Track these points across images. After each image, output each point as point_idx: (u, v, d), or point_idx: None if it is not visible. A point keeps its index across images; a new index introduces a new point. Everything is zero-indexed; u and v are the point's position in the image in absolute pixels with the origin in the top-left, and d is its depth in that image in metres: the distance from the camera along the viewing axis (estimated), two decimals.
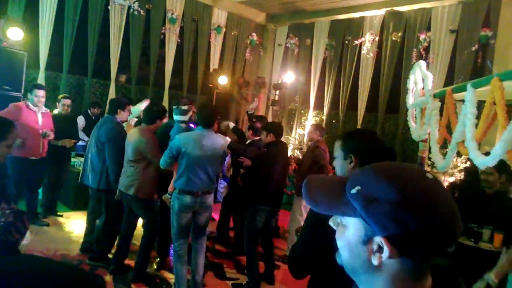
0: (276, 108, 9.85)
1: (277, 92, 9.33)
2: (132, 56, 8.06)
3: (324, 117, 9.07)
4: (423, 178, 0.69)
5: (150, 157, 3.66)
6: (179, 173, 3.45)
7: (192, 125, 4.08)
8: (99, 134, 3.96)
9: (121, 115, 4.07)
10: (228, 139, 3.70)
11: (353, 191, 0.71)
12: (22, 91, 5.63)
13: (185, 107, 3.97)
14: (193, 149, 3.40)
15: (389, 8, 7.82)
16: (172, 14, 8.39)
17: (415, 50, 7.53)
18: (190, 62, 8.93)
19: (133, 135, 3.76)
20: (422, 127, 3.27)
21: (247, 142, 4.84)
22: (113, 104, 4.11)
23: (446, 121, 2.80)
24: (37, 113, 4.68)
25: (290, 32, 9.86)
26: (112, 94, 7.73)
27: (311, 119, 9.31)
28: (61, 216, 5.47)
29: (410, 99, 3.57)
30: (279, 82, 9.56)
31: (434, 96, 3.05)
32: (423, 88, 3.29)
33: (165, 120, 4.09)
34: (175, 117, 3.92)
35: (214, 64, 9.31)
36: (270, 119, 9.76)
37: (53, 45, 6.94)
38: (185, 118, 3.91)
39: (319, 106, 9.28)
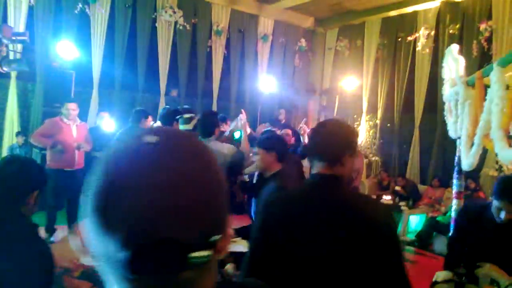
0: (326, 115, 9.51)
1: (328, 97, 9.02)
2: (180, 70, 8.28)
3: (378, 121, 8.55)
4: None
5: None
6: None
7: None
8: None
9: (143, 124, 4.13)
10: (231, 147, 3.43)
11: None
12: None
13: (188, 116, 3.86)
14: None
15: None
16: (218, 26, 8.51)
17: (475, 42, 6.82)
18: (238, 73, 8.96)
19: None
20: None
21: None
22: (137, 114, 4.18)
23: (478, 111, 2.40)
24: (72, 126, 4.92)
25: (340, 35, 9.51)
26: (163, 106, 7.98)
27: (364, 124, 8.82)
28: None
29: (446, 91, 3.15)
30: (330, 87, 9.23)
31: (468, 83, 2.64)
32: None
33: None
34: (180, 127, 3.82)
35: (262, 73, 9.25)
36: None
37: (105, 63, 7.35)
38: (189, 127, 3.77)
39: (372, 109, 8.78)
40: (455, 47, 2.86)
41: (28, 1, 6.42)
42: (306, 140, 4.60)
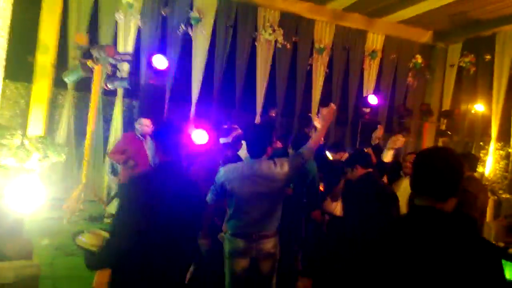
0: (445, 139, 8.19)
1: (447, 120, 7.78)
2: (278, 89, 8.02)
3: (511, 151, 7.00)
4: None
5: None
6: (230, 213, 2.85)
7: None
8: None
9: None
10: (283, 162, 2.83)
11: None
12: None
13: (226, 126, 3.41)
14: (241, 186, 2.76)
15: None
16: (320, 44, 8.07)
17: None
18: (340, 92, 8.34)
19: None
20: None
21: None
22: None
23: None
24: (145, 142, 4.93)
25: (465, 49, 8.21)
26: None
27: (492, 153, 7.32)
28: None
29: None
30: (451, 108, 7.97)
31: None
32: None
33: None
34: (220, 140, 3.40)
35: (368, 92, 8.45)
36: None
37: (204, 81, 7.48)
38: (227, 139, 3.32)
39: (504, 136, 7.25)
40: None
41: (136, 24, 6.90)
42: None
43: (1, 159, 5.67)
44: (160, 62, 6.28)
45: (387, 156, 3.90)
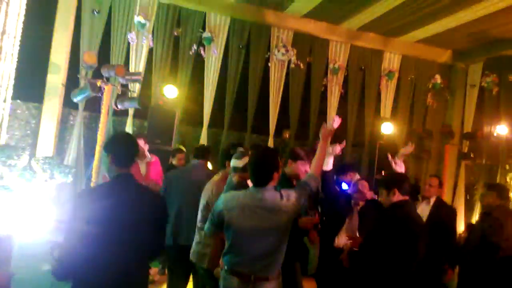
0: (468, 162, 7.80)
1: (470, 143, 7.42)
2: (292, 110, 7.81)
3: None
4: None
5: None
6: (226, 247, 2.48)
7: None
8: None
9: None
10: (292, 196, 2.45)
11: None
12: (172, 145, 5.98)
13: (242, 149, 3.13)
14: (239, 219, 2.40)
15: None
16: (335, 64, 7.88)
17: None
18: (356, 114, 8.08)
19: None
20: None
21: None
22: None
23: None
24: (140, 164, 4.71)
25: (486, 69, 7.91)
26: None
27: None
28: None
29: None
30: (473, 130, 7.61)
31: None
32: None
33: None
34: (231, 163, 3.10)
35: (385, 114, 8.17)
36: (462, 176, 7.81)
37: (215, 102, 7.33)
38: (239, 164, 2.92)
39: None
40: None
41: (148, 44, 6.85)
42: None
43: (8, 179, 5.61)
44: (170, 91, 6.20)
45: (399, 166, 3.63)
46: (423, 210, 4.00)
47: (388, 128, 7.30)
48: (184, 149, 5.57)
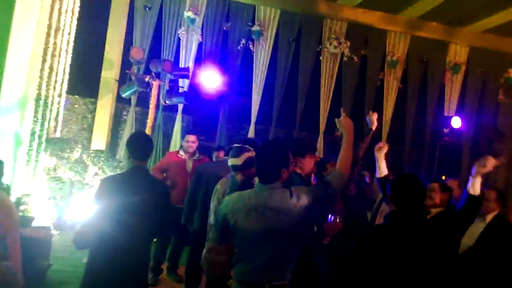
0: None
1: None
2: (345, 106, 7.39)
3: None
4: None
5: None
6: (236, 256, 2.20)
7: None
8: None
9: None
10: (305, 198, 2.08)
11: None
12: (216, 142, 5.91)
13: (237, 145, 2.81)
14: (246, 220, 2.11)
15: None
16: (393, 56, 7.35)
17: None
18: (415, 110, 7.49)
19: None
20: None
21: None
22: None
23: None
24: (187, 160, 4.59)
25: None
26: (319, 148, 7.20)
27: None
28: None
29: None
30: None
31: None
32: None
33: None
34: (229, 161, 2.79)
35: (450, 111, 7.48)
36: None
37: (264, 98, 7.14)
38: (237, 162, 2.68)
39: None
40: None
41: (198, 39, 6.83)
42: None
43: (60, 171, 5.86)
44: (210, 78, 6.10)
45: (475, 186, 2.75)
46: (474, 229, 3.05)
47: (457, 123, 6.59)
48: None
